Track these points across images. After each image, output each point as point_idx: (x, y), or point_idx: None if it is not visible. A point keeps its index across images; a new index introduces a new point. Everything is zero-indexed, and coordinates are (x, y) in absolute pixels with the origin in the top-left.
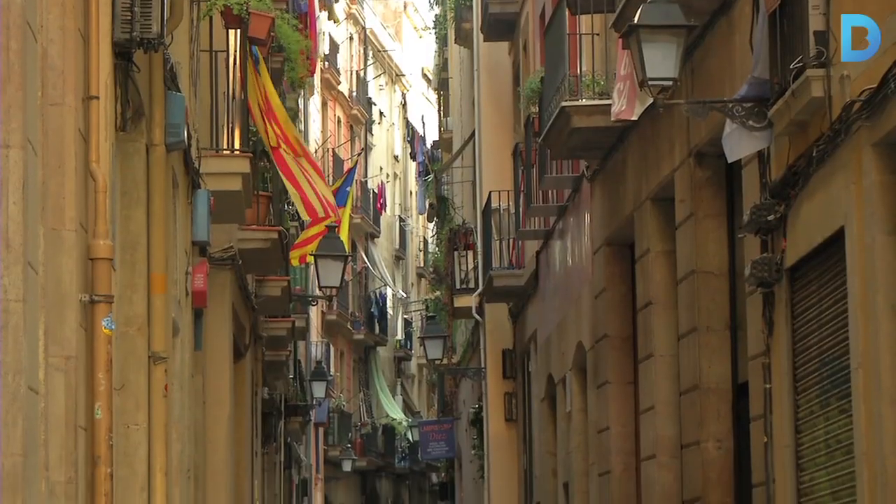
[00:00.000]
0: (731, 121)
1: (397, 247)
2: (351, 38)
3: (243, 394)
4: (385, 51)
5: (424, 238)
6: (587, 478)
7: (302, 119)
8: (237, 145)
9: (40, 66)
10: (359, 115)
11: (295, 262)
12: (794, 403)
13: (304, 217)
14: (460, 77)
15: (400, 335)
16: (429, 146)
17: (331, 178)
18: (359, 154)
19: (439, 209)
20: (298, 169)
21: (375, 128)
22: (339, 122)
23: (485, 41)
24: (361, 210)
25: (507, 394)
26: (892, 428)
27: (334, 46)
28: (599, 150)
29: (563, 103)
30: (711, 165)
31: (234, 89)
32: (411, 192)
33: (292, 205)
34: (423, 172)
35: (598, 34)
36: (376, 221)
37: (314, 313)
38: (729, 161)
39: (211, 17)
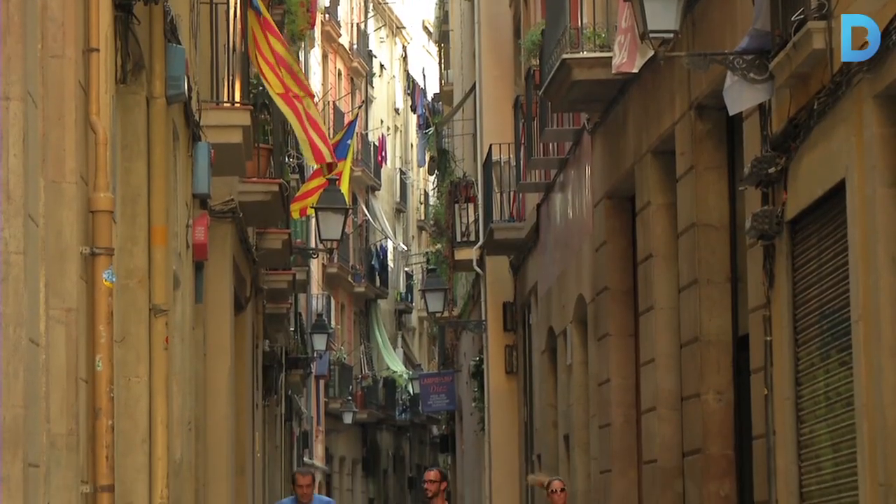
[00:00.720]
0: (732, 73)
1: (398, 200)
2: None
3: (244, 346)
4: (385, 3)
5: (425, 191)
6: (587, 430)
7: (302, 68)
8: (237, 98)
9: (40, 18)
10: (359, 68)
11: (295, 215)
12: (794, 356)
13: (311, 163)
14: (461, 29)
15: (401, 288)
16: (429, 99)
17: (331, 131)
18: (359, 107)
19: (440, 162)
20: (305, 113)
21: (376, 80)
22: (339, 74)
23: None
24: (362, 163)
25: (507, 346)
26: (892, 380)
27: None
28: (600, 102)
29: (564, 56)
30: (712, 118)
31: (234, 41)
32: (412, 145)
33: (293, 157)
34: (423, 125)
35: None
36: (377, 174)
37: (315, 266)
38: (730, 114)
39: None
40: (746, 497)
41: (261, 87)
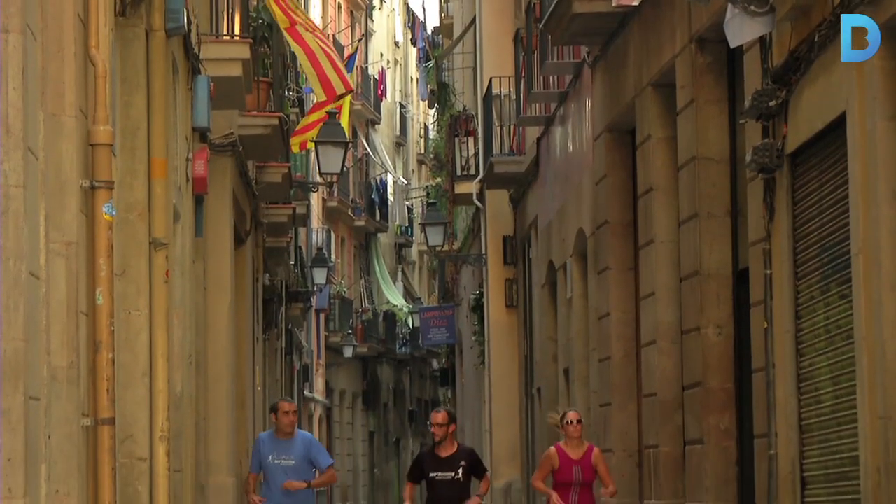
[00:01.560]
0: (733, 6)
1: (398, 133)
2: None
3: (244, 280)
4: None
5: (425, 124)
6: (587, 363)
7: (302, 4)
8: (237, 31)
9: None
10: (359, 1)
11: (295, 149)
12: (794, 289)
13: (321, 97)
14: None
15: (401, 221)
16: (429, 32)
17: None
18: (359, 40)
19: (440, 95)
20: (316, 44)
21: (376, 13)
22: (339, 7)
23: None
24: (362, 96)
25: (507, 280)
26: (892, 313)
27: None
28: (601, 35)
29: None
30: (713, 51)
31: None
32: (412, 79)
33: (292, 91)
34: (423, 58)
35: None
36: (377, 108)
37: (315, 200)
38: (731, 47)
39: None
40: (746, 430)
41: (260, 21)
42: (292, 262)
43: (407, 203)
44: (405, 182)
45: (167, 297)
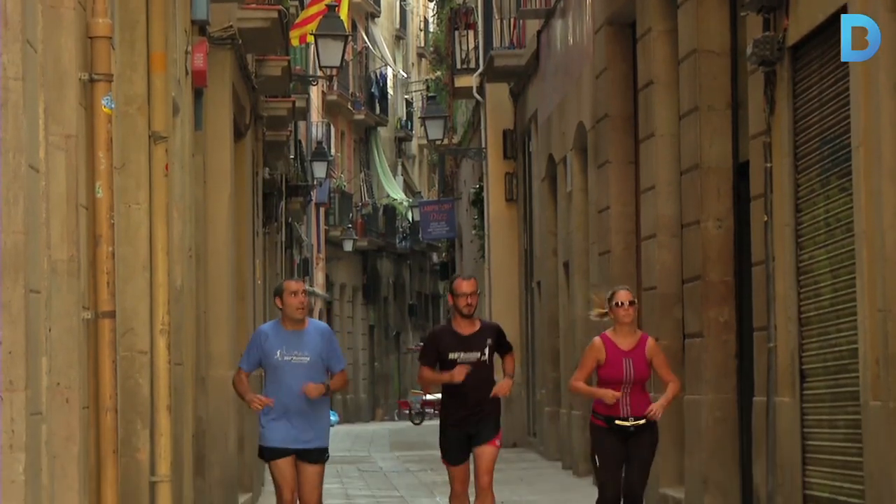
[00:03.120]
0: None
1: (398, 26)
2: None
3: (244, 173)
4: None
5: (425, 17)
6: (587, 257)
7: None
8: None
9: None
10: None
11: (295, 42)
12: (794, 182)
13: None
14: None
15: (401, 115)
16: None
17: None
18: None
19: None
20: None
21: None
22: None
23: None
24: None
25: (507, 174)
26: (892, 205)
27: None
28: None
29: None
30: None
31: None
32: None
33: None
34: None
35: None
36: (376, 1)
37: (314, 93)
38: None
39: None
40: (745, 323)
41: None
42: (292, 156)
43: (406, 97)
44: (405, 76)
45: (167, 190)
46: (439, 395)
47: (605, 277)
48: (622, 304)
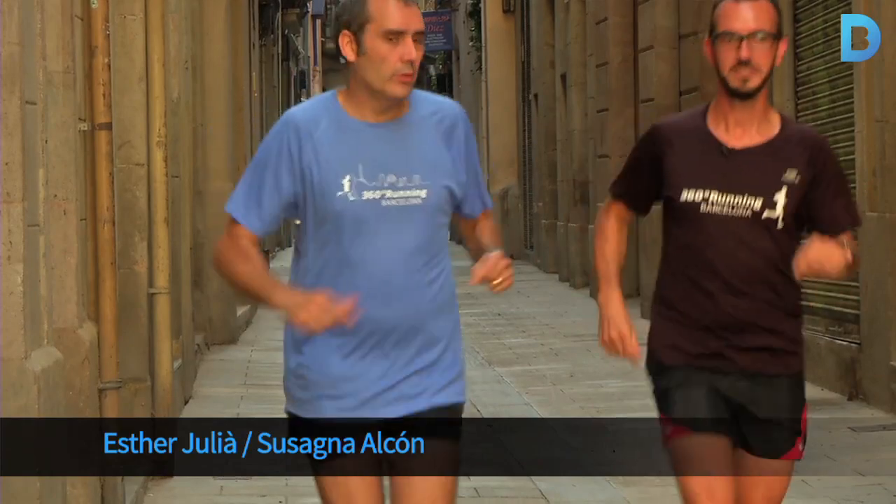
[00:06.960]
0: None
1: None
2: None
3: None
4: None
5: None
6: (585, 69)
7: None
8: None
9: None
10: None
11: None
12: None
13: None
14: None
15: None
16: None
17: None
18: None
19: None
20: None
21: None
22: None
23: None
24: None
25: None
26: (891, 15)
27: None
28: None
29: None
30: None
31: None
32: None
33: None
34: None
35: None
36: None
37: None
38: None
39: None
40: None
41: None
42: None
43: None
44: None
45: (162, 1)
46: None
47: (602, 89)
48: None
